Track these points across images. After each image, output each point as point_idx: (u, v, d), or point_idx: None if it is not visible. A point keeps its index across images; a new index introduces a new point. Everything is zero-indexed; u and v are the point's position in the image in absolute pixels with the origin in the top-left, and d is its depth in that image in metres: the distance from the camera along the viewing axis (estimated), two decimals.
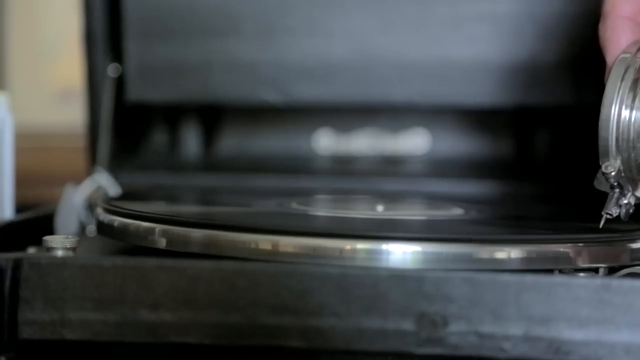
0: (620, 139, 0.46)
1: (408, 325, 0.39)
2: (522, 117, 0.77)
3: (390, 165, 0.78)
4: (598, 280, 0.39)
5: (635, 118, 0.46)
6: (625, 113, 0.46)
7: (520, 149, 0.77)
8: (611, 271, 0.46)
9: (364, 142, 0.80)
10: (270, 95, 0.72)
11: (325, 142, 0.80)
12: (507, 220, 0.54)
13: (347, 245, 0.42)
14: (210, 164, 0.79)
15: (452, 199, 0.62)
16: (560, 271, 0.45)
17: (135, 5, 0.71)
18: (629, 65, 0.46)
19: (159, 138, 0.81)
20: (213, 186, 0.72)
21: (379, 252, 0.42)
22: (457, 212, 0.56)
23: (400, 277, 0.39)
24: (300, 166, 0.77)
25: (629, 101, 0.46)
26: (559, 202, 0.68)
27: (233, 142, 0.81)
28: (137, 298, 0.40)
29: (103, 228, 0.51)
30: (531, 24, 0.71)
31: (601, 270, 0.46)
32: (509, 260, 0.43)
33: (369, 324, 0.40)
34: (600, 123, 0.46)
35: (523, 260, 0.44)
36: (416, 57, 0.72)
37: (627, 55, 0.46)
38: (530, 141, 0.76)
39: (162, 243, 0.47)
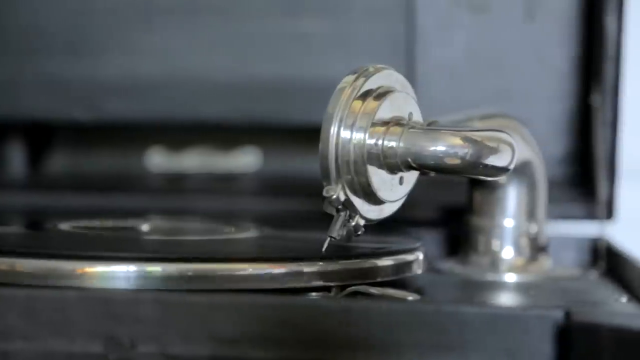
0: (341, 162, 0.45)
1: (96, 347, 0.39)
2: None
3: (222, 183, 0.77)
4: (282, 299, 0.38)
5: (356, 141, 0.45)
6: (345, 134, 0.45)
7: None
8: (343, 289, 0.46)
9: (195, 160, 0.79)
10: (80, 113, 0.72)
11: (157, 160, 0.79)
12: (268, 239, 0.54)
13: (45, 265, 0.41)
14: (37, 183, 0.78)
15: (256, 219, 0.62)
16: (295, 290, 0.45)
17: None
18: (350, 90, 0.45)
19: None
20: (28, 206, 0.71)
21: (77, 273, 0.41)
22: (226, 231, 0.55)
23: (87, 298, 0.39)
24: (132, 184, 0.77)
25: (350, 121, 0.45)
26: None
27: (63, 160, 0.80)
28: None
29: None
30: (339, 43, 0.71)
31: (333, 290, 0.46)
32: (225, 278, 0.43)
33: (57, 347, 0.39)
34: (320, 146, 0.45)
35: (243, 278, 0.43)
36: (225, 75, 0.71)
37: (345, 85, 0.45)
38: None
39: None
